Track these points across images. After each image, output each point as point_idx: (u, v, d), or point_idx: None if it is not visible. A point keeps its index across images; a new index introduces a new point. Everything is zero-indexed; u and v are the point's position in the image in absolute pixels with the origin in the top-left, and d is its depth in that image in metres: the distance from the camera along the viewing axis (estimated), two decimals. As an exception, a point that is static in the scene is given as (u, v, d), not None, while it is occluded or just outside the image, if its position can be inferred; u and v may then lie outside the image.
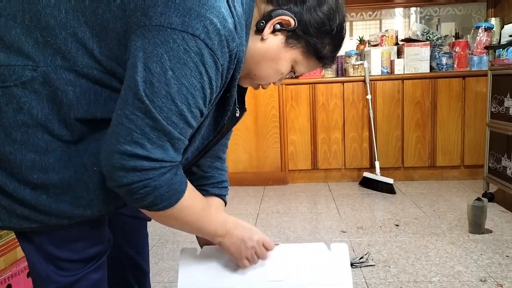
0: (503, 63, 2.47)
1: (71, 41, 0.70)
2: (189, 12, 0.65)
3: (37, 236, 0.78)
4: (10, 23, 0.70)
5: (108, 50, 0.70)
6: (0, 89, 0.69)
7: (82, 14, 0.69)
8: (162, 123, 0.66)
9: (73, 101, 0.71)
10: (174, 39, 0.65)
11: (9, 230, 0.83)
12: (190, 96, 0.67)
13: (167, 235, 2.27)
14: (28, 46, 0.70)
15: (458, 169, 3.27)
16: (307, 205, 2.74)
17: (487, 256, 1.84)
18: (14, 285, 1.40)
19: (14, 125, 0.70)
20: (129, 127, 0.66)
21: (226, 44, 0.68)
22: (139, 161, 0.67)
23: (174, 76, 0.65)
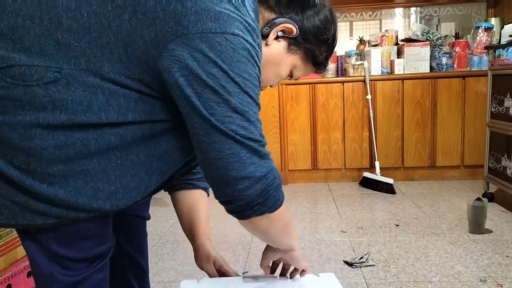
0: (503, 63, 2.47)
1: (95, 45, 0.69)
2: (220, 15, 0.69)
3: (42, 235, 0.78)
4: (27, 23, 0.69)
5: (134, 56, 0.70)
6: (23, 87, 0.69)
7: (106, 19, 0.69)
8: (248, 115, 0.71)
9: (104, 103, 0.71)
10: (218, 42, 0.68)
11: (14, 228, 0.82)
12: (254, 86, 0.73)
13: (167, 235, 2.27)
14: (49, 47, 0.69)
15: (458, 169, 3.27)
16: (307, 205, 2.74)
17: (487, 256, 1.84)
18: (14, 285, 1.40)
19: (35, 122, 0.70)
20: (230, 135, 0.70)
21: (255, 39, 0.74)
22: (260, 165, 0.73)
23: (236, 74, 0.70)
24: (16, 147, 0.71)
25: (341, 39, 4.58)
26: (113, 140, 0.73)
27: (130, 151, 0.75)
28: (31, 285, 1.48)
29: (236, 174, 0.71)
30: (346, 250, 1.96)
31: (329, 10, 0.86)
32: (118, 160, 0.74)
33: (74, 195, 0.73)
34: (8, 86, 0.69)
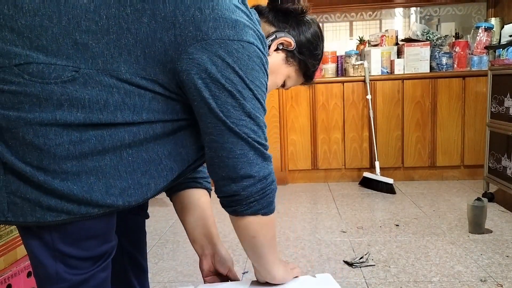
0: (503, 63, 2.47)
1: (113, 46, 0.72)
2: (237, 23, 0.75)
3: (47, 233, 0.79)
4: (45, 22, 0.70)
5: (152, 58, 0.73)
6: (40, 85, 0.70)
7: (125, 21, 0.72)
8: (258, 120, 0.79)
9: (120, 103, 0.73)
10: (236, 49, 0.74)
11: (20, 226, 0.82)
12: (263, 93, 0.80)
13: (167, 235, 2.27)
14: (67, 47, 0.71)
15: (458, 169, 3.27)
16: (307, 205, 2.74)
17: (487, 256, 1.84)
18: (14, 285, 1.40)
19: (52, 120, 0.71)
20: (244, 137, 0.78)
21: (264, 48, 0.81)
22: (264, 166, 0.81)
23: (250, 81, 0.76)
24: (29, 143, 0.72)
25: (341, 39, 4.58)
26: (127, 138, 0.76)
27: (142, 149, 0.78)
28: (31, 285, 1.48)
29: (243, 173, 0.79)
30: (346, 250, 1.96)
31: (318, 27, 0.96)
32: (129, 157, 0.77)
33: (87, 191, 0.75)
34: (26, 83, 0.70)
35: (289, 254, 1.94)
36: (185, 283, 1.69)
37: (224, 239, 2.17)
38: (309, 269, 1.77)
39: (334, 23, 4.43)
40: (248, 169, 0.79)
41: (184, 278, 1.74)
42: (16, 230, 1.47)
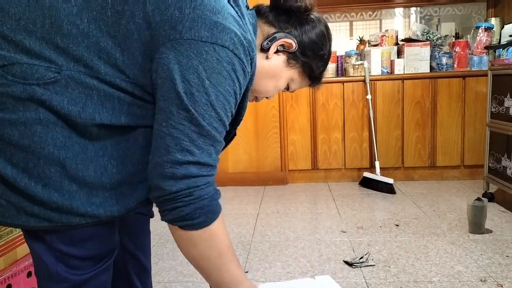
0: (503, 63, 2.47)
1: (93, 49, 0.72)
2: (216, 25, 0.71)
3: (48, 234, 0.79)
4: (29, 27, 0.71)
5: (131, 60, 0.73)
6: (22, 85, 0.71)
7: (105, 25, 0.72)
8: (207, 129, 0.72)
9: (98, 105, 0.73)
10: (206, 51, 0.70)
11: (17, 228, 0.83)
12: (226, 102, 0.74)
13: (167, 235, 2.27)
14: (49, 51, 0.72)
15: (458, 169, 3.27)
16: (307, 205, 2.74)
17: (487, 256, 1.84)
18: (14, 285, 1.40)
19: (35, 120, 0.71)
20: (177, 137, 0.71)
21: (249, 53, 0.76)
22: (189, 167, 0.72)
23: (211, 85, 0.71)
24: (15, 144, 0.72)
25: (341, 39, 4.58)
26: (109, 146, 0.76)
27: (126, 158, 0.77)
28: (31, 285, 1.48)
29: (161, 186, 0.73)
30: (346, 250, 1.96)
31: (324, 26, 0.89)
32: (114, 168, 0.76)
33: (68, 199, 0.74)
34: (9, 83, 0.71)
35: (289, 254, 1.94)
36: (185, 283, 1.69)
37: (224, 239, 2.17)
38: (309, 269, 1.78)
39: (334, 23, 4.43)
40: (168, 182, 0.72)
41: (184, 278, 1.74)
42: (16, 230, 1.47)
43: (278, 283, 1.09)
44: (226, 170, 3.33)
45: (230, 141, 0.95)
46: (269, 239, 2.14)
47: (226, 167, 3.33)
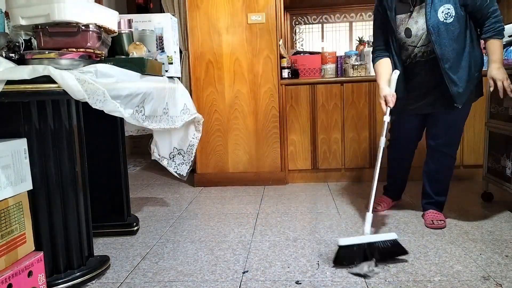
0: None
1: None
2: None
3: None
4: None
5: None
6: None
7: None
8: None
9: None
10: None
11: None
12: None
13: (167, 235, 2.28)
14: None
15: (457, 169, 3.27)
16: (307, 205, 2.74)
17: (486, 256, 1.84)
18: (14, 285, 1.41)
19: None
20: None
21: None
22: None
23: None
24: None
25: (341, 39, 4.58)
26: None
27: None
28: (31, 285, 1.49)
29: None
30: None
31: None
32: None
33: None
34: None
35: (289, 254, 1.94)
36: (186, 283, 1.70)
37: (224, 238, 2.18)
38: (309, 269, 1.78)
39: (334, 24, 4.44)
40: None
41: (184, 278, 1.74)
42: (16, 230, 1.47)
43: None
44: (226, 170, 3.34)
45: None
46: (269, 239, 2.15)
47: (226, 167, 3.34)
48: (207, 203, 2.89)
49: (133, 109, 1.71)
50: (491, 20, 1.97)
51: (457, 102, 2.03)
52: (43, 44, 1.65)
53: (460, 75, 2.00)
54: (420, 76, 2.11)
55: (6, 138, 1.50)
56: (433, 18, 1.94)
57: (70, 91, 1.47)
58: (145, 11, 5.11)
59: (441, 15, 1.93)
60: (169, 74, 2.28)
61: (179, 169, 2.37)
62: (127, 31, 2.09)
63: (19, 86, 1.44)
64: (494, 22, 1.97)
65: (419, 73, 2.11)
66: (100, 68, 1.58)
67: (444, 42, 1.95)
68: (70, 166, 1.67)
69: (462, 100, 2.03)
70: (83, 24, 1.65)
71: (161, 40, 2.27)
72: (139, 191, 3.34)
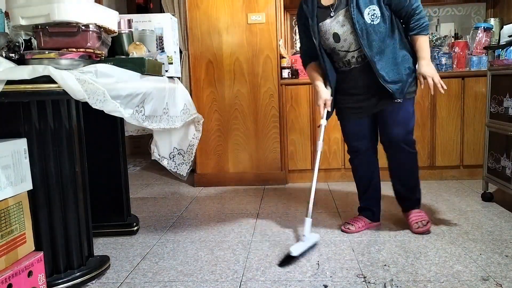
0: (502, 64, 2.47)
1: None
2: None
3: None
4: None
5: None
6: None
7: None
8: None
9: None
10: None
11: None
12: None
13: (168, 234, 2.28)
14: None
15: (457, 169, 3.28)
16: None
17: (486, 256, 1.84)
18: (14, 284, 1.41)
19: None
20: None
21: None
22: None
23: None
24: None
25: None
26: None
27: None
28: (31, 284, 1.49)
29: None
30: (346, 249, 1.97)
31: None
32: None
33: None
34: None
35: (289, 254, 1.94)
36: (186, 282, 1.70)
37: (224, 238, 2.18)
38: (309, 268, 1.78)
39: (334, 24, 4.43)
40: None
41: (184, 278, 1.74)
42: (16, 230, 1.47)
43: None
44: (226, 170, 3.34)
45: None
46: (269, 239, 2.15)
47: (226, 167, 3.34)
48: (207, 203, 2.89)
49: (133, 109, 1.71)
50: (415, 17, 1.95)
51: (397, 98, 1.97)
52: (43, 44, 1.65)
53: (394, 73, 1.95)
54: (359, 81, 2.04)
55: (6, 138, 1.50)
56: (360, 21, 1.89)
57: (70, 91, 1.47)
58: (145, 11, 5.11)
59: (367, 17, 1.89)
60: (169, 74, 2.28)
61: (179, 169, 2.37)
62: (127, 31, 2.09)
63: (19, 86, 1.44)
64: (419, 19, 1.95)
65: (357, 78, 2.05)
66: (100, 68, 1.57)
67: (373, 45, 1.91)
68: (70, 166, 1.67)
69: (402, 95, 1.98)
70: (83, 24, 1.64)
71: (161, 40, 2.27)
72: (139, 191, 3.34)
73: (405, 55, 1.99)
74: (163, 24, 2.27)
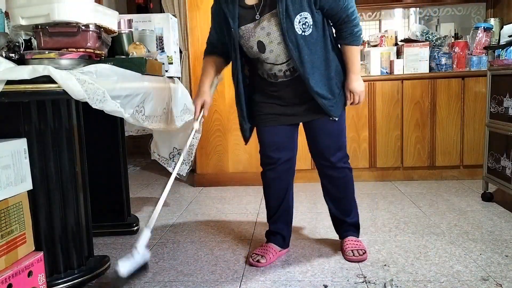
0: (502, 64, 2.47)
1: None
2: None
3: None
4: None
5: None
6: None
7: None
8: None
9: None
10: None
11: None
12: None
13: (168, 234, 2.28)
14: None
15: (457, 169, 3.28)
16: (307, 205, 2.74)
17: (486, 256, 1.84)
18: (14, 284, 1.41)
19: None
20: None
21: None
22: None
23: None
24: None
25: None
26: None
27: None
28: (31, 285, 1.49)
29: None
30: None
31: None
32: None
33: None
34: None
35: (289, 254, 1.94)
36: (186, 282, 1.70)
37: (225, 238, 2.18)
38: (309, 268, 1.78)
39: (334, 24, 4.43)
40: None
41: (184, 278, 1.74)
42: (16, 230, 1.47)
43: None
44: (226, 170, 3.34)
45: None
46: (269, 239, 2.14)
47: (226, 167, 3.34)
48: (207, 203, 2.89)
49: (133, 109, 1.71)
50: (349, 24, 1.67)
51: (332, 115, 1.74)
52: (43, 44, 1.65)
53: (327, 89, 1.70)
54: (285, 94, 1.77)
55: (6, 138, 1.50)
56: (290, 31, 1.59)
57: (70, 91, 1.47)
58: (145, 11, 5.11)
59: (298, 26, 1.60)
60: (169, 74, 2.28)
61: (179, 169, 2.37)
62: (127, 31, 2.09)
63: (19, 86, 1.44)
64: (352, 27, 1.68)
65: (282, 91, 1.77)
66: (100, 68, 1.57)
67: (305, 58, 1.63)
68: (70, 166, 1.67)
69: (338, 112, 1.76)
70: (83, 24, 1.64)
71: (161, 40, 2.27)
72: (139, 191, 3.34)
73: (337, 66, 1.75)
74: (163, 24, 2.27)
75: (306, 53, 1.63)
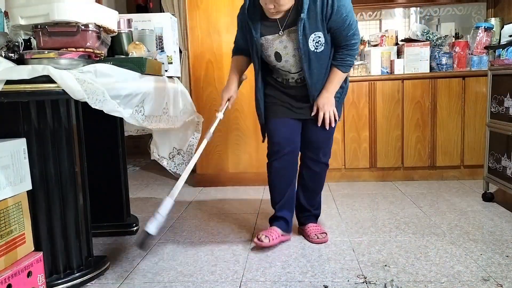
0: (503, 63, 2.47)
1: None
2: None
3: None
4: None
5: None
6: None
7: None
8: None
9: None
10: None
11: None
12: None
13: (167, 235, 2.27)
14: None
15: (458, 169, 3.27)
16: (307, 205, 2.73)
17: (487, 256, 1.84)
18: (14, 285, 1.40)
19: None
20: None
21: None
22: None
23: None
24: None
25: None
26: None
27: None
28: (31, 285, 1.49)
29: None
30: (346, 250, 1.96)
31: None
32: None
33: None
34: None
35: (289, 254, 1.94)
36: (185, 283, 1.69)
37: (225, 239, 2.17)
38: (309, 269, 1.78)
39: (334, 23, 4.42)
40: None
41: (184, 278, 1.74)
42: (16, 230, 1.47)
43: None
44: (226, 170, 3.33)
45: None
46: (269, 239, 2.14)
47: (226, 167, 3.33)
48: (207, 203, 2.89)
49: (132, 109, 1.71)
50: (345, 51, 1.85)
51: (331, 123, 1.96)
52: (43, 44, 1.64)
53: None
54: (295, 91, 1.98)
55: (6, 138, 1.50)
56: (304, 47, 1.79)
57: (70, 91, 1.46)
58: (145, 11, 5.10)
59: (311, 44, 1.80)
60: (169, 74, 2.28)
61: (178, 169, 2.36)
62: (126, 30, 2.08)
63: (19, 86, 1.44)
64: (346, 55, 1.86)
65: (292, 92, 1.99)
66: (99, 68, 1.57)
67: (314, 72, 1.86)
68: (70, 166, 1.66)
69: (336, 120, 1.97)
70: (82, 24, 1.64)
71: (160, 40, 2.27)
72: (139, 191, 3.34)
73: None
74: (163, 23, 2.27)
75: (315, 67, 1.85)
